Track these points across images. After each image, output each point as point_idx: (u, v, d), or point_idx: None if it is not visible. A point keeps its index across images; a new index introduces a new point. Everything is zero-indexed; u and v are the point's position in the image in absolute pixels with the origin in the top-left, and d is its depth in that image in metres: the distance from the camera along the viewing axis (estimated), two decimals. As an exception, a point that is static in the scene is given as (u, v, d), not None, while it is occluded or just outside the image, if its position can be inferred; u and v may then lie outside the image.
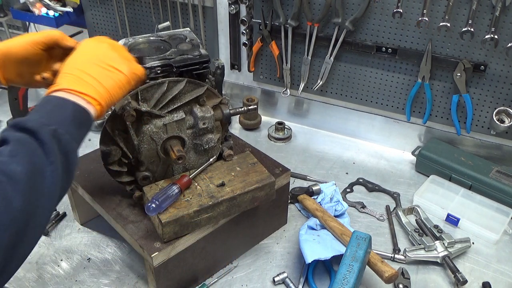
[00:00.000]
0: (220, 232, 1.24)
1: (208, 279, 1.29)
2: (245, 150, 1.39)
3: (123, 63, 0.97)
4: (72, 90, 0.87)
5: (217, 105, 1.23)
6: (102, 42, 1.00)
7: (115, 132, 1.14)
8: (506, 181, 1.51)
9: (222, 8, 1.87)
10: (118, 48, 1.01)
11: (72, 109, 0.85)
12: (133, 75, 0.99)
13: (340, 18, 1.63)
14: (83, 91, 0.87)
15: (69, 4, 2.11)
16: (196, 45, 1.24)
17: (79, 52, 0.97)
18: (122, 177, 1.21)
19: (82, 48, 0.98)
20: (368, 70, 1.74)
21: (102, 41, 1.00)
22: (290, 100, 1.95)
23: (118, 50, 1.00)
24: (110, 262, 1.34)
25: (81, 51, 0.97)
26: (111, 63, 0.95)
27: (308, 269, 1.29)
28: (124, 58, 0.99)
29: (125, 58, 0.99)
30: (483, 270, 1.33)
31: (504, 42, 1.47)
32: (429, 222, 1.43)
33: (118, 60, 0.97)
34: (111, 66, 0.94)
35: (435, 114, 1.71)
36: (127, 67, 0.97)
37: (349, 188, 1.62)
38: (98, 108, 0.89)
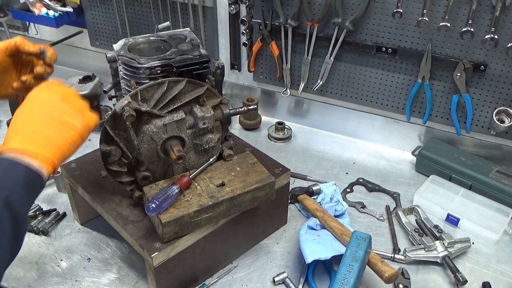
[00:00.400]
0: (220, 232, 1.24)
1: (208, 279, 1.29)
2: (245, 150, 1.39)
3: (75, 118, 0.94)
4: (25, 151, 0.84)
5: (217, 105, 1.23)
6: (53, 93, 0.95)
7: (115, 132, 1.14)
8: (506, 181, 1.51)
9: (222, 8, 1.87)
10: (71, 98, 0.96)
11: (25, 172, 0.83)
12: (86, 129, 0.96)
13: (340, 18, 1.63)
14: (35, 151, 0.85)
15: (69, 4, 2.11)
16: (196, 45, 1.24)
17: (30, 106, 0.93)
18: (122, 177, 1.21)
19: (33, 101, 0.94)
20: (368, 70, 1.74)
21: (54, 92, 0.95)
22: (290, 100, 1.95)
23: (71, 102, 0.95)
24: (110, 262, 1.34)
25: (32, 106, 0.93)
26: (63, 120, 0.92)
27: (308, 269, 1.29)
28: (76, 110, 0.95)
29: (77, 111, 0.95)
30: (483, 270, 1.33)
31: (504, 42, 1.47)
32: (429, 222, 1.43)
33: (71, 115, 0.93)
34: (63, 123, 0.92)
35: (435, 114, 1.71)
36: (80, 122, 0.94)
37: (349, 188, 1.62)
38: (51, 168, 0.87)
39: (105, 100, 2.11)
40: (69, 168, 1.38)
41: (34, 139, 0.87)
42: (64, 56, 2.33)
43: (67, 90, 0.97)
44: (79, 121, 0.94)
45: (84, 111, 0.97)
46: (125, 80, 1.20)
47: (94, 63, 2.28)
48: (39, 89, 0.96)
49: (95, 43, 2.24)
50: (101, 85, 2.17)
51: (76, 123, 0.93)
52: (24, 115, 0.91)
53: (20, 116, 0.91)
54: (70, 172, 1.36)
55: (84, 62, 2.32)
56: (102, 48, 2.23)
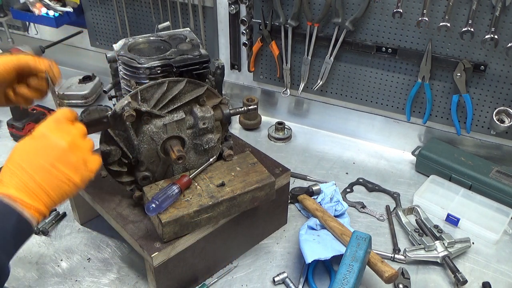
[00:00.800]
0: (220, 232, 1.24)
1: (208, 279, 1.29)
2: (245, 150, 1.39)
3: (77, 172, 0.90)
4: (19, 200, 0.83)
5: (217, 105, 1.23)
6: (62, 138, 0.89)
7: (115, 132, 1.14)
8: (506, 181, 1.51)
9: (222, 8, 1.87)
10: (78, 145, 0.92)
11: (16, 220, 0.81)
12: (85, 182, 0.92)
13: (340, 18, 1.63)
14: (30, 203, 0.84)
15: (69, 4, 2.11)
16: (196, 45, 1.24)
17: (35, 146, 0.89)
18: (122, 177, 1.21)
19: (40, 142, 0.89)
20: (368, 70, 1.74)
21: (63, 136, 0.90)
22: (290, 100, 1.95)
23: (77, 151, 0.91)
24: (110, 262, 1.34)
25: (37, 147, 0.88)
26: (65, 174, 0.88)
27: (308, 269, 1.29)
28: (81, 162, 0.91)
29: (82, 163, 0.91)
30: (483, 270, 1.33)
31: (504, 42, 1.47)
32: (429, 222, 1.43)
33: (74, 168, 0.89)
34: (65, 177, 0.88)
35: (435, 114, 1.71)
36: (81, 176, 0.90)
37: (349, 188, 1.62)
38: (41, 218, 0.86)
39: (105, 100, 2.11)
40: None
41: (31, 188, 0.85)
42: (64, 56, 2.33)
43: (76, 133, 0.93)
44: (80, 175, 0.90)
45: (88, 161, 0.93)
46: (125, 80, 1.20)
47: (94, 63, 2.28)
48: (49, 128, 0.91)
49: (95, 43, 2.24)
50: (101, 85, 2.18)
51: (77, 178, 0.89)
52: (27, 154, 0.88)
53: (23, 153, 0.88)
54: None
55: (84, 62, 2.32)
56: (102, 48, 2.23)
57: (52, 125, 0.91)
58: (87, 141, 0.95)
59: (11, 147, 1.54)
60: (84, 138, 0.95)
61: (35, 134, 0.90)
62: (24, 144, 0.89)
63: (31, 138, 0.90)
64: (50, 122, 0.92)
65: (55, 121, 0.92)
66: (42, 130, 0.90)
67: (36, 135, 0.90)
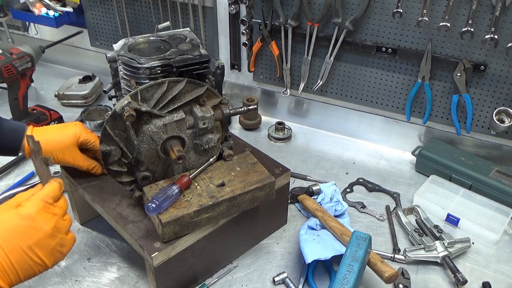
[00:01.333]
0: (220, 232, 1.24)
1: (208, 279, 1.29)
2: (245, 150, 1.39)
3: (53, 256, 0.90)
4: None
5: (217, 105, 1.23)
6: (48, 222, 0.89)
7: (115, 132, 1.14)
8: (506, 181, 1.51)
9: (222, 8, 1.87)
10: (60, 230, 0.91)
11: None
12: (54, 265, 0.91)
13: (340, 18, 1.63)
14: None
15: (69, 4, 2.11)
16: (196, 45, 1.24)
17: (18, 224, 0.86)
18: (122, 177, 1.21)
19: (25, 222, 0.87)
20: (368, 70, 1.74)
21: (49, 221, 0.89)
22: (290, 100, 1.95)
23: (58, 234, 0.90)
24: (110, 262, 1.34)
25: (21, 226, 0.86)
26: (41, 254, 0.87)
27: (308, 269, 1.29)
28: (57, 249, 0.91)
29: (58, 250, 0.91)
30: (483, 270, 1.33)
31: (504, 42, 1.47)
32: (429, 222, 1.43)
33: (51, 252, 0.89)
34: (40, 260, 0.87)
35: (435, 114, 1.71)
36: (54, 260, 0.90)
37: (349, 188, 1.62)
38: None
39: (105, 100, 2.11)
40: (69, 168, 1.38)
41: (2, 267, 0.83)
42: (64, 56, 2.34)
43: (60, 214, 0.92)
44: (53, 259, 0.90)
45: (64, 244, 0.92)
46: (125, 80, 1.20)
47: (94, 63, 2.28)
48: (37, 209, 0.89)
49: (95, 43, 2.24)
50: (101, 85, 2.18)
51: (50, 262, 0.89)
52: (8, 233, 0.85)
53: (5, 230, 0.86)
54: (70, 172, 1.36)
55: (84, 62, 2.32)
56: (102, 48, 2.23)
57: (40, 205, 0.90)
58: (67, 221, 0.94)
59: (11, 147, 1.47)
60: (65, 216, 0.94)
61: (22, 213, 0.87)
62: (7, 221, 0.87)
63: (17, 216, 0.87)
64: (39, 202, 0.90)
65: (44, 201, 0.90)
66: (29, 211, 0.88)
67: (23, 215, 0.87)
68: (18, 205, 0.90)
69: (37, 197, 0.91)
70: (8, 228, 0.86)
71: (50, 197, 0.92)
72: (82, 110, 1.96)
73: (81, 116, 1.93)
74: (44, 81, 2.24)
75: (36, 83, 2.11)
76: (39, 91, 2.18)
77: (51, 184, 0.94)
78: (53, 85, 2.17)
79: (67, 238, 0.93)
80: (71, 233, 0.95)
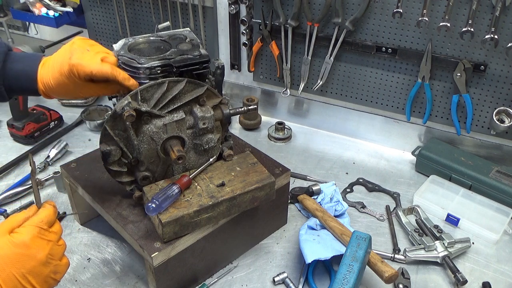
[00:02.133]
0: (220, 232, 1.24)
1: (208, 279, 1.29)
2: (245, 150, 1.39)
3: (46, 282, 0.89)
4: None
5: (217, 105, 1.23)
6: (42, 249, 0.88)
7: (115, 132, 1.14)
8: (506, 181, 1.51)
9: (222, 8, 1.87)
10: (54, 256, 0.90)
11: None
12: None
13: (340, 18, 1.63)
14: None
15: (69, 4, 2.11)
16: (196, 45, 1.24)
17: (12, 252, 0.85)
18: (122, 177, 1.21)
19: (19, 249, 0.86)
20: (368, 70, 1.74)
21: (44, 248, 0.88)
22: (290, 100, 1.95)
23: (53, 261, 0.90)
24: (110, 262, 1.34)
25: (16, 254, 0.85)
26: (34, 282, 0.86)
27: (308, 269, 1.29)
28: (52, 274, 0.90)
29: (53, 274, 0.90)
30: (483, 270, 1.33)
31: (504, 42, 1.47)
32: (429, 222, 1.43)
33: (45, 280, 0.88)
34: (33, 286, 0.86)
35: (435, 114, 1.71)
36: (47, 287, 0.90)
37: (349, 188, 1.62)
38: None
39: (105, 100, 2.11)
40: (69, 168, 1.38)
41: None
42: (64, 56, 2.33)
43: (55, 239, 0.92)
44: (46, 286, 0.90)
45: (57, 271, 0.92)
46: (125, 80, 1.20)
47: (94, 63, 2.28)
48: (32, 236, 0.88)
49: (95, 43, 2.24)
50: (101, 85, 2.17)
51: (38, 285, 0.88)
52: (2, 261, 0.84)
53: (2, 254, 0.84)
54: (70, 172, 1.36)
55: (84, 62, 2.32)
56: (102, 48, 2.23)
57: (34, 232, 0.89)
58: (61, 247, 0.94)
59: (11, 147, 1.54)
60: (59, 242, 0.94)
61: (16, 240, 0.86)
62: (1, 249, 0.86)
63: (11, 243, 0.86)
64: (33, 228, 0.89)
65: (38, 227, 0.89)
66: (23, 239, 0.87)
67: (17, 242, 0.86)
68: (12, 231, 0.88)
69: (31, 222, 0.90)
70: (1, 256, 0.85)
71: (44, 223, 0.91)
72: (82, 110, 1.96)
73: (81, 116, 1.93)
74: (44, 81, 2.24)
75: (36, 83, 2.11)
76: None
77: (45, 209, 0.93)
78: (53, 85, 2.17)
79: (61, 264, 0.92)
80: (65, 258, 0.95)
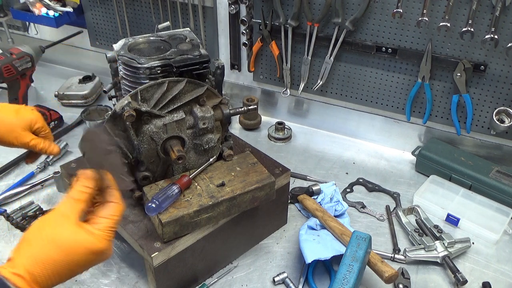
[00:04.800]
0: (220, 232, 1.24)
1: (208, 279, 1.29)
2: (245, 150, 1.39)
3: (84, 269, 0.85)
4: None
5: (217, 105, 1.23)
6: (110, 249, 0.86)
7: (115, 132, 1.14)
8: (506, 181, 1.51)
9: (222, 8, 1.87)
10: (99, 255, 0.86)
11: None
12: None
13: (340, 18, 1.63)
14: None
15: (69, 4, 2.11)
16: (196, 45, 1.24)
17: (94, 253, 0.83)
18: (122, 177, 1.21)
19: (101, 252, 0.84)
20: (368, 70, 1.74)
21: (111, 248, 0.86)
22: (290, 100, 1.95)
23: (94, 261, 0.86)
24: (110, 262, 1.34)
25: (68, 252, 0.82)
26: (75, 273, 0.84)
27: (308, 269, 1.29)
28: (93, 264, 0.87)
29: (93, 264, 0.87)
30: (483, 270, 1.33)
31: (504, 42, 1.47)
32: (429, 222, 1.43)
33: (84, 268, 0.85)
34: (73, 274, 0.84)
35: (435, 114, 1.71)
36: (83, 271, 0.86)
37: (349, 188, 1.62)
38: None
39: (105, 100, 2.11)
40: (69, 168, 1.38)
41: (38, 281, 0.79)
42: (64, 56, 2.34)
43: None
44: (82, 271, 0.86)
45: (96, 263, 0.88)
46: (125, 80, 1.20)
47: (94, 63, 2.28)
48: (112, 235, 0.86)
49: (95, 43, 2.24)
50: (101, 85, 2.17)
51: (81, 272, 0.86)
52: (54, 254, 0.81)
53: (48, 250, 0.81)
54: (70, 172, 1.36)
55: (84, 62, 2.32)
56: (102, 48, 2.23)
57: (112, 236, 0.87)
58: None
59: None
60: None
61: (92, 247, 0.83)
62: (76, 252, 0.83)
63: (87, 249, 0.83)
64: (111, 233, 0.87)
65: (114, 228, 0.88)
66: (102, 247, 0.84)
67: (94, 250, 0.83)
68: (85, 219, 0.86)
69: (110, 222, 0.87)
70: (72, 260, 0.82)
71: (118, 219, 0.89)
72: (82, 110, 1.96)
73: (81, 116, 1.93)
74: (44, 81, 2.24)
75: (36, 83, 2.11)
76: (39, 91, 2.18)
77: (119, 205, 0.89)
78: (53, 85, 2.17)
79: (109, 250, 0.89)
80: None
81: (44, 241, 0.81)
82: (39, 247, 0.81)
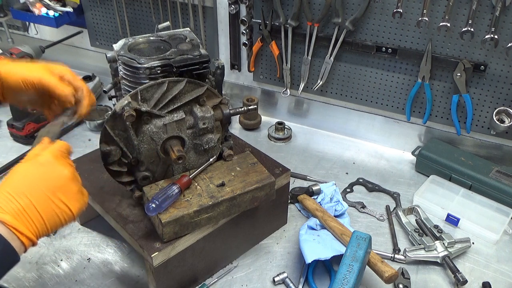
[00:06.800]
0: (220, 232, 1.24)
1: (208, 279, 1.29)
2: (245, 150, 1.39)
3: (77, 201, 0.89)
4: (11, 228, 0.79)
5: (217, 105, 1.23)
6: (67, 168, 0.89)
7: (115, 132, 1.14)
8: (506, 181, 1.51)
9: (222, 8, 1.87)
10: (78, 178, 0.92)
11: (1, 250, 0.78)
12: (78, 215, 0.90)
13: (340, 18, 1.63)
14: (22, 231, 0.80)
15: (69, 4, 2.11)
16: (196, 45, 1.24)
17: (38, 171, 0.86)
18: (122, 177, 1.21)
19: (45, 168, 0.87)
20: (368, 70, 1.74)
21: (66, 165, 0.90)
22: (290, 100, 1.95)
23: (78, 183, 0.91)
24: (110, 262, 1.34)
25: (42, 172, 0.86)
26: (65, 199, 0.87)
27: (308, 269, 1.29)
28: (80, 193, 0.91)
29: (81, 193, 0.91)
30: (483, 270, 1.33)
31: (504, 42, 1.47)
32: (429, 222, 1.43)
33: (74, 196, 0.89)
34: (64, 202, 0.86)
35: (435, 114, 1.71)
36: (79, 206, 0.90)
37: (349, 188, 1.62)
38: (30, 246, 0.83)
39: (105, 100, 2.11)
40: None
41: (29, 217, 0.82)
42: (64, 56, 2.33)
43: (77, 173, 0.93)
44: (78, 205, 0.90)
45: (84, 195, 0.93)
46: (125, 80, 1.20)
47: (94, 63, 2.28)
48: (55, 155, 0.89)
49: (95, 43, 2.24)
50: (101, 85, 2.17)
51: (75, 207, 0.89)
52: (30, 181, 0.85)
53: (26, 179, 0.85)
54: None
55: (84, 62, 2.32)
56: (102, 48, 2.23)
57: (57, 154, 0.90)
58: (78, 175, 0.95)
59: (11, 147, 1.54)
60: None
61: (41, 160, 0.87)
62: (27, 170, 0.87)
63: (35, 163, 0.87)
64: (55, 151, 0.91)
65: (60, 151, 0.91)
66: (48, 159, 0.88)
67: (42, 161, 0.87)
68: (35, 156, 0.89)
69: (53, 148, 0.91)
70: (30, 176, 0.86)
71: (63, 149, 0.92)
72: (82, 110, 1.95)
73: (81, 116, 1.93)
74: (44, 81, 2.24)
75: (36, 83, 2.11)
76: (39, 91, 2.18)
77: (61, 142, 0.94)
78: (53, 85, 2.17)
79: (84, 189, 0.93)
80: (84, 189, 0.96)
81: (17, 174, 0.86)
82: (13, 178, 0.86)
